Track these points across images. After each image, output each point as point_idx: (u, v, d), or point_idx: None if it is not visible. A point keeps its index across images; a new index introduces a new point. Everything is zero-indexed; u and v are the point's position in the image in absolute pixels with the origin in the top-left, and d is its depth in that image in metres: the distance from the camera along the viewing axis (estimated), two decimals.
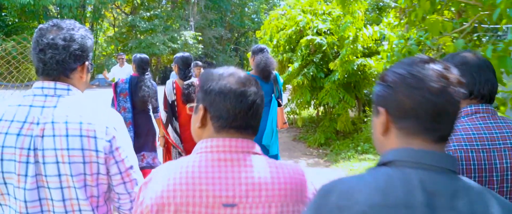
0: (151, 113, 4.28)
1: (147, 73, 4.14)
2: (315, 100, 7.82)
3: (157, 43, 22.75)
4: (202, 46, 25.91)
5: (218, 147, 0.98)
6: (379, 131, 0.86)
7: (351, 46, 6.59)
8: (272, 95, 3.83)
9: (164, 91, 3.77)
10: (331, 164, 6.03)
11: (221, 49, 30.16)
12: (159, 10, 26.25)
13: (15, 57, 5.62)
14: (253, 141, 1.03)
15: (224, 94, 0.97)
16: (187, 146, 3.81)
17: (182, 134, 3.85)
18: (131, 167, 1.24)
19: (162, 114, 3.83)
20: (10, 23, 22.52)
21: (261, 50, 3.75)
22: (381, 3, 9.27)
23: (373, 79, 7.42)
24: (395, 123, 0.82)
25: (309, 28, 7.39)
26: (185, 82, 3.73)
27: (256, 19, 33.73)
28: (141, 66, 4.09)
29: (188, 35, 24.30)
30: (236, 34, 34.47)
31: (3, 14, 21.73)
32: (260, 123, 3.67)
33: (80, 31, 1.23)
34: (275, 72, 3.87)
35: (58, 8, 23.30)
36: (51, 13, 24.27)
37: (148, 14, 25.04)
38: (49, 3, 20.43)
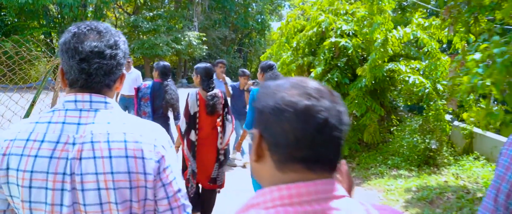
0: (171, 120, 4.40)
1: (169, 79, 4.28)
2: None
3: (160, 44, 22.15)
4: (206, 47, 25.34)
5: (282, 199, 0.69)
6: None
7: (382, 49, 5.98)
8: None
9: (186, 102, 3.57)
10: (362, 181, 5.42)
11: (225, 50, 29.62)
12: (162, 10, 25.67)
13: (11, 57, 5.07)
14: (332, 179, 0.72)
15: (280, 111, 0.71)
16: (199, 163, 3.58)
17: (200, 148, 3.57)
18: (179, 191, 1.09)
19: (182, 124, 3.60)
20: (9, 23, 21.96)
21: (270, 67, 3.91)
22: (404, 3, 8.68)
23: (402, 85, 6.80)
24: None
25: (332, 29, 6.78)
26: (209, 94, 3.57)
27: (260, 20, 33.23)
28: (164, 73, 4.26)
29: (192, 35, 23.72)
30: (240, 35, 33.94)
31: (2, 13, 21.16)
32: None
33: (120, 36, 1.09)
34: None
35: (58, 8, 22.73)
36: (51, 13, 23.71)
37: (151, 14, 24.47)
38: (49, 2, 19.86)
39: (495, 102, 6.09)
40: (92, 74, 1.02)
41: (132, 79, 7.41)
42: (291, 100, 0.71)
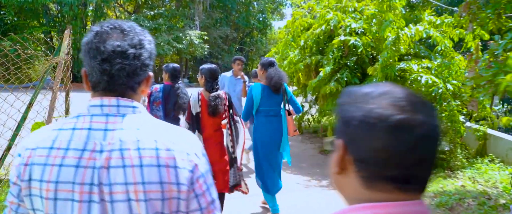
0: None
1: (179, 81, 4.26)
2: None
3: (162, 43, 21.96)
4: (208, 46, 25.12)
5: None
6: None
7: (394, 48, 5.75)
8: (282, 105, 4.02)
9: (188, 103, 3.59)
10: None
11: (226, 49, 29.40)
12: (163, 8, 25.45)
13: (6, 56, 4.87)
14: (421, 200, 0.67)
15: (369, 125, 0.64)
16: None
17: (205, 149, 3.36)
18: (212, 202, 1.01)
19: (183, 125, 3.62)
20: (8, 22, 21.76)
21: (271, 64, 3.94)
22: (413, 0, 8.46)
23: (413, 85, 6.57)
24: None
25: (341, 27, 6.56)
26: (212, 94, 3.54)
27: (261, 19, 33.02)
28: (174, 75, 4.23)
29: (194, 34, 23.51)
30: (241, 34, 33.72)
31: (1, 12, 20.96)
32: (275, 133, 3.93)
33: (146, 35, 1.01)
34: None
35: (58, 7, 22.51)
36: (51, 12, 23.50)
37: (151, 13, 24.27)
38: (49, 1, 19.65)
39: None
40: (114, 75, 0.95)
41: None
42: (382, 113, 0.64)
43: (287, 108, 4.06)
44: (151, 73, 1.03)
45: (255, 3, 32.74)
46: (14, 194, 0.96)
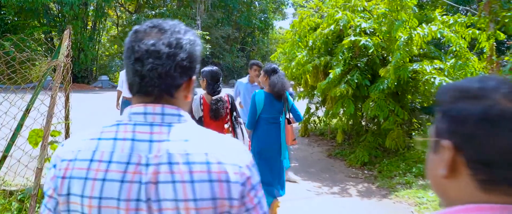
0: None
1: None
2: (358, 112, 6.76)
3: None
4: (209, 46, 24.92)
5: None
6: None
7: (407, 49, 5.53)
8: (283, 112, 3.98)
9: (190, 107, 3.42)
10: (388, 192, 4.97)
11: (228, 49, 29.20)
12: (164, 8, 25.25)
13: (2, 54, 4.65)
14: None
15: (493, 123, 0.59)
16: None
17: None
18: None
19: None
20: (8, 22, 21.56)
21: (274, 70, 3.88)
22: None
23: (426, 87, 6.34)
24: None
25: (350, 27, 6.33)
26: (214, 98, 3.54)
27: (263, 18, 32.82)
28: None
29: None
30: (242, 34, 33.50)
31: (1, 12, 20.75)
32: (274, 141, 3.84)
33: (188, 35, 0.92)
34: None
35: (59, 6, 22.31)
36: (52, 11, 23.31)
37: (153, 12, 24.06)
38: (49, 0, 19.44)
39: None
40: (145, 76, 0.88)
41: None
42: (505, 109, 0.60)
43: (287, 116, 4.03)
44: (192, 77, 0.94)
45: (256, 2, 32.54)
46: (50, 207, 0.89)
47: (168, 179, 0.84)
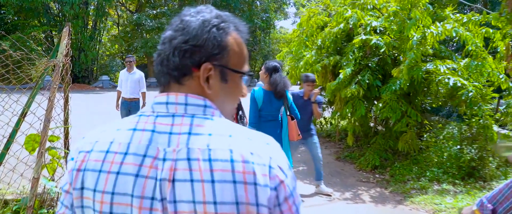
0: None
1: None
2: (368, 114, 6.53)
3: None
4: None
5: None
6: None
7: (422, 48, 5.31)
8: (283, 110, 3.96)
9: (239, 102, 3.46)
10: (402, 198, 4.75)
11: None
12: (165, 7, 25.03)
13: None
14: None
15: None
16: None
17: None
18: None
19: None
20: (8, 21, 21.35)
21: (276, 69, 3.81)
22: None
23: (439, 88, 6.12)
24: None
25: (360, 26, 6.11)
26: None
27: (264, 18, 32.61)
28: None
29: None
30: None
31: (1, 11, 20.55)
32: (276, 137, 3.52)
33: (203, 16, 0.81)
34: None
35: (59, 6, 22.10)
36: (52, 11, 23.10)
37: (154, 11, 23.85)
38: (49, 0, 19.23)
39: None
40: (157, 64, 0.84)
41: (134, 81, 6.69)
42: None
43: (288, 113, 4.01)
44: (207, 65, 0.80)
45: (258, 2, 32.32)
46: (67, 204, 0.82)
47: (186, 177, 0.74)
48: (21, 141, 2.74)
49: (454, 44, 11.88)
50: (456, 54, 7.09)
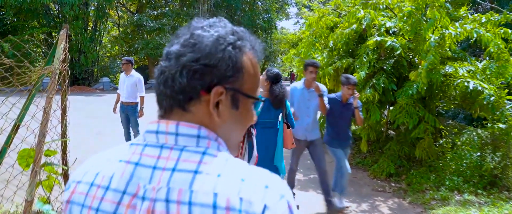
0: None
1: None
2: (383, 119, 6.25)
3: (166, 44, 21.24)
4: None
5: None
6: None
7: (440, 50, 5.02)
8: (280, 118, 3.90)
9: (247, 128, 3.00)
10: (423, 210, 4.46)
11: None
12: (166, 8, 24.76)
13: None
14: None
15: None
16: None
17: None
18: None
19: None
20: (7, 22, 21.08)
21: (277, 79, 3.74)
22: None
23: (457, 92, 5.82)
24: None
25: (374, 26, 5.83)
26: None
27: (266, 18, 32.35)
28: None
29: None
30: None
31: (0, 13, 20.28)
32: (270, 145, 3.89)
33: (217, 31, 0.71)
34: None
35: (59, 7, 21.83)
36: (52, 12, 22.83)
37: (155, 12, 23.58)
38: (49, 1, 18.96)
39: None
40: (158, 84, 0.73)
41: (130, 84, 6.33)
42: None
43: (285, 121, 3.94)
44: (218, 88, 0.69)
45: (259, 2, 32.05)
46: None
47: None
48: (15, 154, 2.45)
49: (460, 44, 11.59)
50: (467, 54, 6.81)
